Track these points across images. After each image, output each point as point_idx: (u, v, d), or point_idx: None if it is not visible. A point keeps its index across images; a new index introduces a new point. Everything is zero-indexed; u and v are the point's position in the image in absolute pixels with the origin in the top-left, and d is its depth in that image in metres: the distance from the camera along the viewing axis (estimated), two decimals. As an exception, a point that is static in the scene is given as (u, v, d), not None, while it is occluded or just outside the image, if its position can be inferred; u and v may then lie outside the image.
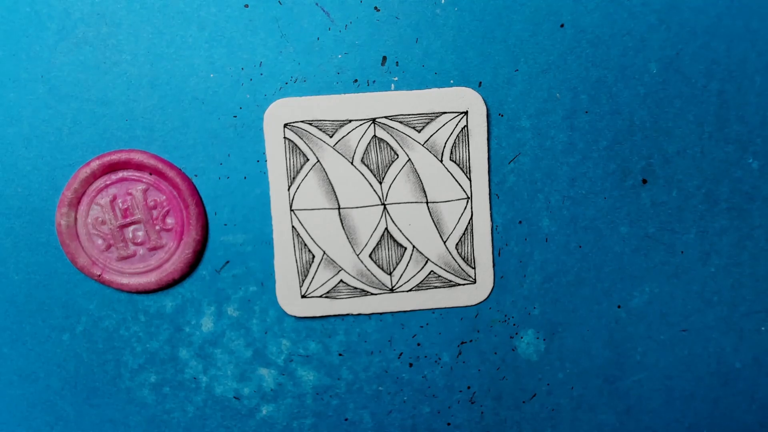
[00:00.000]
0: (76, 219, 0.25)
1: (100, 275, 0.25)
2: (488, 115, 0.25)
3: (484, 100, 0.25)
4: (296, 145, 0.25)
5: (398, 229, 0.25)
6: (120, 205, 0.25)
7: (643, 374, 0.27)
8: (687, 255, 0.26)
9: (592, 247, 0.26)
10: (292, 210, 0.25)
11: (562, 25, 0.25)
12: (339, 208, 0.25)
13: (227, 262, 0.26)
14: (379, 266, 0.26)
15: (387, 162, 0.25)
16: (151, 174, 0.25)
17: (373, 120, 0.25)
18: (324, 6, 0.25)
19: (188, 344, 0.26)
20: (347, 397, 0.26)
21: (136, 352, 0.26)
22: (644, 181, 0.26)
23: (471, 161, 0.25)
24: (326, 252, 0.25)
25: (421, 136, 0.25)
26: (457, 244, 0.25)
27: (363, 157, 0.25)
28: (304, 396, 0.26)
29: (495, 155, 0.25)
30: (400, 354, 0.26)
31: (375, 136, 0.25)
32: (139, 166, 0.25)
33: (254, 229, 0.25)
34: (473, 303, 0.26)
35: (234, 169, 0.25)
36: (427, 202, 0.25)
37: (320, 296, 0.26)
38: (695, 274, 0.26)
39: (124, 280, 0.25)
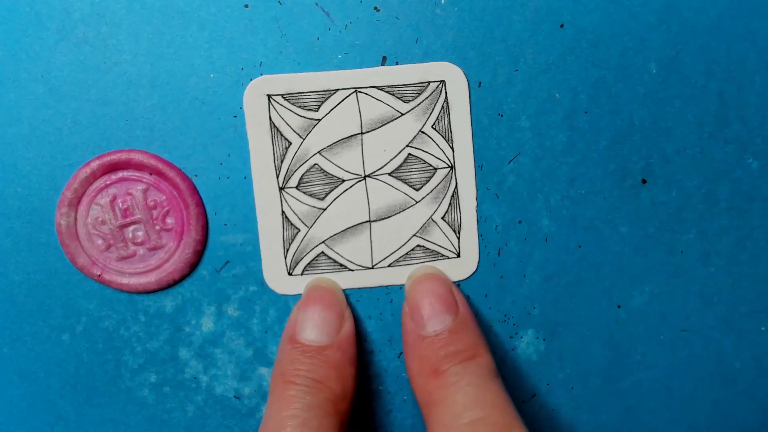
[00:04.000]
0: (76, 219, 0.25)
1: (100, 275, 0.25)
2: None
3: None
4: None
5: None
6: (120, 205, 0.25)
7: (643, 374, 0.27)
8: (687, 255, 0.26)
9: (592, 247, 0.26)
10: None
11: (562, 25, 0.25)
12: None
13: (227, 262, 0.26)
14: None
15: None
16: (151, 174, 0.25)
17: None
18: (324, 6, 0.25)
19: (188, 344, 0.26)
20: (347, 397, 0.26)
21: (136, 352, 0.26)
22: (644, 181, 0.26)
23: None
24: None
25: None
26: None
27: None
28: (304, 396, 0.26)
29: (495, 155, 0.25)
30: (400, 354, 0.26)
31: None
32: (139, 166, 0.25)
33: (254, 229, 0.25)
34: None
35: (234, 169, 0.25)
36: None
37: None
38: (695, 274, 0.26)
39: (124, 280, 0.25)
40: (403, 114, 0.25)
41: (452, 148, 0.25)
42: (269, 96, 0.25)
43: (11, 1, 0.24)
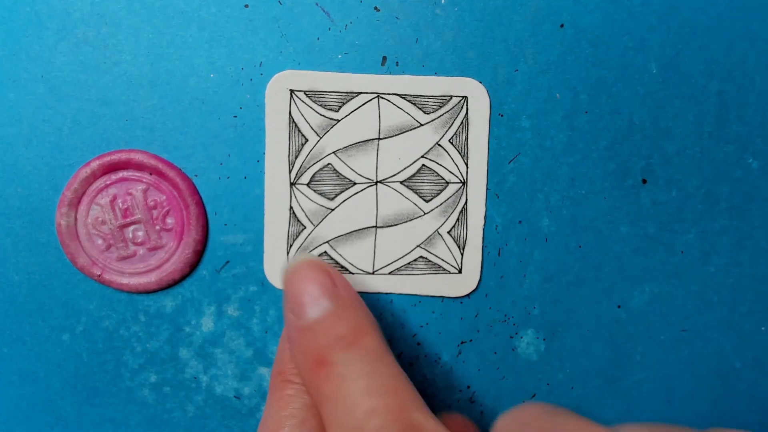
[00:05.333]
0: (76, 219, 0.25)
1: (100, 275, 0.25)
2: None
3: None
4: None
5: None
6: (120, 205, 0.25)
7: (643, 374, 0.27)
8: (687, 255, 0.26)
9: (592, 247, 0.26)
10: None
11: (562, 25, 0.25)
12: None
13: (227, 262, 0.26)
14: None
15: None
16: (151, 174, 0.25)
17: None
18: (324, 6, 0.25)
19: (188, 344, 0.26)
20: (347, 397, 0.26)
21: (136, 352, 0.26)
22: (644, 181, 0.26)
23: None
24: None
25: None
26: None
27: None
28: (304, 396, 0.26)
29: (495, 155, 0.25)
30: (400, 354, 0.26)
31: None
32: (139, 166, 0.25)
33: (254, 229, 0.25)
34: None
35: (234, 169, 0.25)
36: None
37: None
38: (695, 274, 0.26)
39: (124, 280, 0.25)
40: (422, 124, 0.25)
41: (467, 165, 0.25)
42: (292, 91, 0.25)
43: (11, 1, 0.24)
